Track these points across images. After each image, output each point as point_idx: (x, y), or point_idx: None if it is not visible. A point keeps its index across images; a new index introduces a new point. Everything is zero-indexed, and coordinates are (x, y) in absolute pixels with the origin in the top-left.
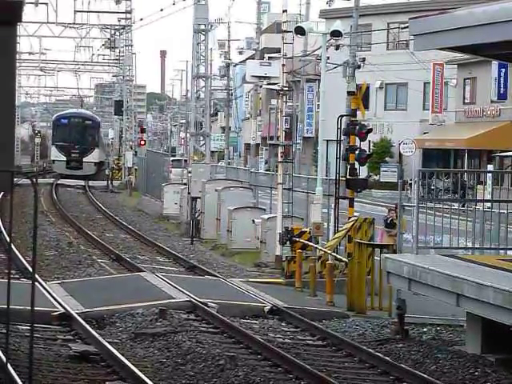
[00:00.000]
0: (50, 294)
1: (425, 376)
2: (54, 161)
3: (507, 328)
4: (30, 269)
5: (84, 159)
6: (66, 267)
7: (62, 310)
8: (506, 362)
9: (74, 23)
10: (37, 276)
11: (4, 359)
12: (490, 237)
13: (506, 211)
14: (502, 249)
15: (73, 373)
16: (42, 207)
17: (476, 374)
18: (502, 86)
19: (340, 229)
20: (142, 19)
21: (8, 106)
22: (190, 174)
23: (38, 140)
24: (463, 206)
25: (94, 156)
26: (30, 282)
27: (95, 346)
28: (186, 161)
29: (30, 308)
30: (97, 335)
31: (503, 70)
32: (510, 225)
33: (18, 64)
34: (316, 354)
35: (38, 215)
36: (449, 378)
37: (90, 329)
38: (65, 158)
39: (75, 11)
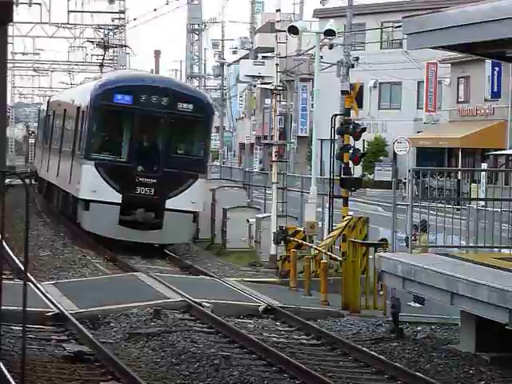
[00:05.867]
0: (43, 294)
1: (419, 375)
2: (84, 203)
3: (501, 326)
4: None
5: (169, 202)
6: (61, 267)
7: (56, 311)
8: (501, 361)
9: (67, 23)
10: (31, 276)
11: None
12: (484, 235)
13: (499, 209)
14: (496, 247)
15: (67, 373)
16: (36, 208)
17: (470, 372)
18: (495, 84)
19: (334, 228)
20: (135, 19)
21: None
22: None
23: (31, 140)
24: (457, 205)
25: (193, 195)
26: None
27: (89, 346)
28: None
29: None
30: (91, 336)
31: (497, 68)
32: (503, 223)
33: (11, 64)
34: (310, 353)
35: (32, 216)
36: (443, 377)
37: (84, 329)
38: (119, 199)
39: (69, 11)
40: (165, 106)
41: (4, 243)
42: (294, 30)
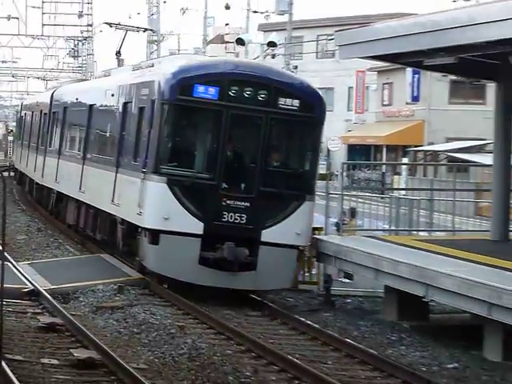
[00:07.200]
0: (21, 273)
1: (348, 341)
2: (151, 234)
3: (419, 298)
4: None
5: (265, 233)
6: (36, 249)
7: (32, 287)
8: (419, 328)
9: (42, 35)
10: (9, 257)
11: None
12: (404, 220)
13: (418, 198)
14: (414, 230)
15: (41, 342)
16: (13, 197)
17: (393, 338)
18: (415, 89)
19: None
20: (101, 31)
21: None
22: None
23: (10, 138)
24: (382, 194)
25: (298, 223)
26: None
27: (61, 318)
28: None
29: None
30: (62, 309)
31: (416, 75)
32: (421, 209)
33: None
34: (254, 323)
35: (10, 204)
36: (369, 342)
37: (56, 303)
38: (200, 229)
39: (43, 24)
40: (262, 101)
41: None
42: (240, 42)
